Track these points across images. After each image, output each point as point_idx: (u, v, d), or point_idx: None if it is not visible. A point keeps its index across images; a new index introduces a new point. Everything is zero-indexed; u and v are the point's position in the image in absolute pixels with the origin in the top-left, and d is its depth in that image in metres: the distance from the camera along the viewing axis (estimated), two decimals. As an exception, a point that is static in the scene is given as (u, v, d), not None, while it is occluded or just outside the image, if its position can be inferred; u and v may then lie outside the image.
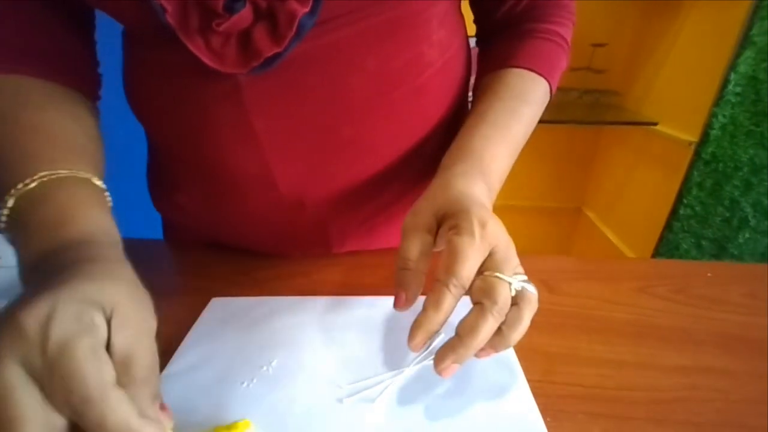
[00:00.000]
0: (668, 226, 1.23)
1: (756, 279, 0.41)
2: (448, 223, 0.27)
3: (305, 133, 0.34)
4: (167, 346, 0.32)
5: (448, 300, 0.24)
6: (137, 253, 0.45)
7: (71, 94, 0.33)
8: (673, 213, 1.20)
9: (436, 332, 0.24)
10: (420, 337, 0.24)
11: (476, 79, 0.42)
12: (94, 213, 0.26)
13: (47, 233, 0.24)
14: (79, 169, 0.27)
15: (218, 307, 0.36)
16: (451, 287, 0.23)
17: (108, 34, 0.39)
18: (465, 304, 0.25)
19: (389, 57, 0.33)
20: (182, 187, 0.42)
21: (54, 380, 0.17)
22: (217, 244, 0.46)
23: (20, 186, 0.25)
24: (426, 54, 0.35)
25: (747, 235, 1.17)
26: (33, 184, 0.25)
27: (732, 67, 0.99)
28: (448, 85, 0.40)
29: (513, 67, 0.38)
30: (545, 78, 0.39)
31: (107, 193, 0.29)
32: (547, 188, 1.66)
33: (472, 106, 0.39)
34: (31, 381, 0.17)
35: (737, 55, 0.97)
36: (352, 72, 0.32)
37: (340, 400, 0.27)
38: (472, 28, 0.45)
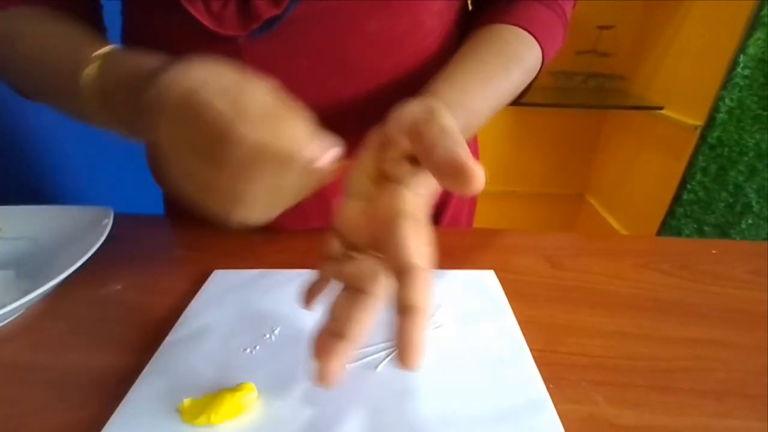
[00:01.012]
0: (671, 212, 1.22)
1: (761, 256, 0.41)
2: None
3: (306, 97, 0.33)
4: (169, 316, 0.32)
5: None
6: (139, 228, 0.45)
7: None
8: (676, 198, 1.20)
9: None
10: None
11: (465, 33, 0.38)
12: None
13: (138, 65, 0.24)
14: None
15: (220, 278, 0.36)
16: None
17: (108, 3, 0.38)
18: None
19: (390, 21, 0.32)
20: None
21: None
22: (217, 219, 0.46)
23: (94, 55, 0.25)
24: (426, 22, 0.34)
25: (750, 221, 1.16)
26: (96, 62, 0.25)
27: (741, 49, 0.97)
28: (448, 51, 0.39)
29: (508, 24, 0.35)
30: (540, 44, 0.36)
31: None
32: (549, 174, 1.65)
33: (456, 53, 0.34)
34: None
35: (747, 37, 0.96)
36: (352, 34, 0.32)
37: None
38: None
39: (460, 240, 0.44)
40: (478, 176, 0.17)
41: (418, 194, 0.21)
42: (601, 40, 1.35)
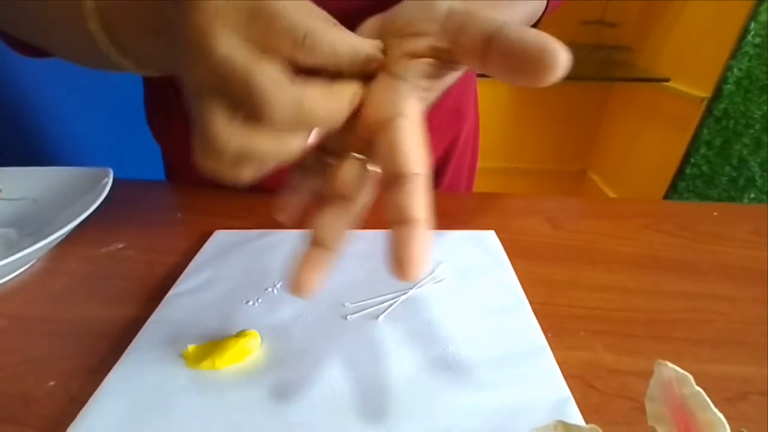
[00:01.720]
0: (673, 187, 1.21)
1: (762, 218, 0.41)
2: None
3: None
4: (172, 273, 0.32)
5: None
6: (140, 191, 0.45)
7: None
8: (679, 173, 1.19)
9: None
10: None
11: None
12: None
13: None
14: None
15: (222, 238, 0.36)
16: None
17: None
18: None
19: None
20: (180, 112, 0.40)
21: (273, 33, 0.15)
22: (219, 182, 0.46)
23: None
24: None
25: (752, 196, 1.16)
26: None
27: (752, 15, 0.94)
28: None
29: None
30: None
31: None
32: (551, 150, 1.63)
33: None
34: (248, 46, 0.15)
35: (759, 3, 0.93)
36: (356, 19, 0.30)
37: (344, 317, 0.27)
38: None
39: (460, 203, 0.44)
40: (561, 55, 0.15)
41: (420, 88, 0.19)
42: (608, 10, 1.31)
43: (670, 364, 0.14)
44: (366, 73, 0.18)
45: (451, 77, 0.21)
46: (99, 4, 0.21)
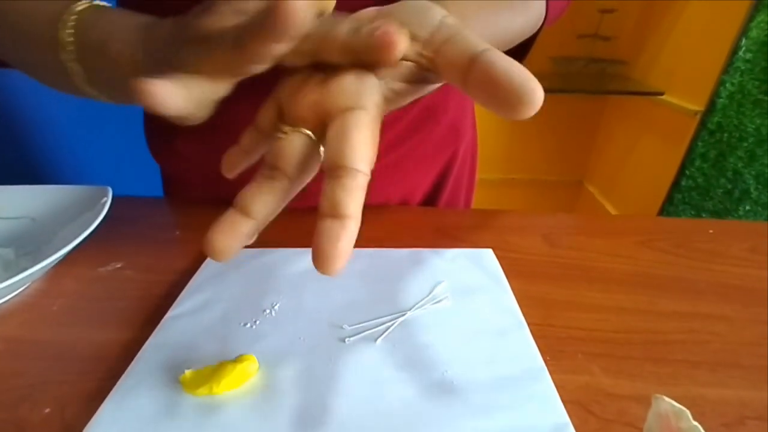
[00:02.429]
0: (669, 199, 1.22)
1: (758, 235, 0.41)
2: None
3: None
4: (170, 294, 0.32)
5: None
6: (138, 209, 0.45)
7: None
8: (675, 185, 1.20)
9: None
10: None
11: None
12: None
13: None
14: None
15: (220, 257, 0.36)
16: None
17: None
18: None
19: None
20: (179, 132, 0.41)
21: None
22: (218, 199, 0.46)
23: (75, 6, 0.23)
24: None
25: (748, 207, 1.17)
26: (85, 5, 0.23)
27: (744, 32, 0.96)
28: None
29: None
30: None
31: None
32: (548, 161, 1.65)
33: None
34: None
35: (749, 20, 0.95)
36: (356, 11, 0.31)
37: (342, 340, 0.27)
38: None
39: (458, 220, 0.44)
40: (539, 94, 0.15)
41: (391, 90, 0.19)
42: (602, 24, 1.33)
43: (667, 399, 0.14)
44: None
45: (428, 89, 0.21)
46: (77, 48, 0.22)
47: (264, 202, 0.18)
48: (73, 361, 0.27)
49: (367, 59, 0.18)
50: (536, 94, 0.15)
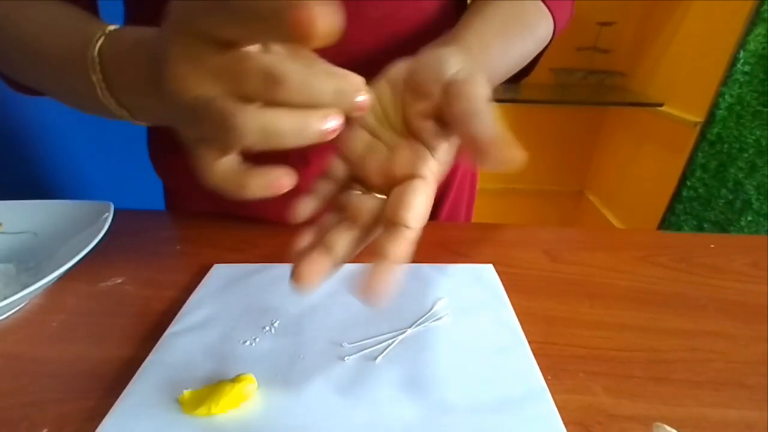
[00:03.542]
0: (670, 209, 1.22)
1: (759, 249, 0.41)
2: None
3: None
4: (170, 310, 0.32)
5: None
6: (139, 223, 0.45)
7: None
8: (676, 195, 1.20)
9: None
10: None
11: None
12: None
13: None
14: None
15: (221, 272, 0.36)
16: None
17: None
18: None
19: (392, 8, 0.33)
20: (182, 146, 0.41)
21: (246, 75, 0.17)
22: (219, 213, 0.46)
23: (94, 42, 0.24)
24: (425, 7, 0.35)
25: (749, 218, 1.16)
26: (101, 40, 0.24)
27: (741, 44, 0.97)
28: None
29: None
30: (553, 16, 0.36)
31: None
32: (549, 171, 1.65)
33: (477, 8, 0.33)
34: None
35: (747, 33, 0.95)
36: (358, 22, 0.32)
37: (342, 358, 0.27)
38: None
39: (459, 234, 0.44)
40: (517, 158, 0.18)
41: (440, 162, 0.21)
42: (601, 36, 1.35)
43: (668, 428, 0.14)
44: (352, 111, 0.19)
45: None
46: (101, 58, 0.24)
47: (345, 244, 0.21)
48: (73, 378, 0.27)
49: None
50: (515, 157, 0.18)
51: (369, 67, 0.35)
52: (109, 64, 0.24)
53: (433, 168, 0.21)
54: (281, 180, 0.18)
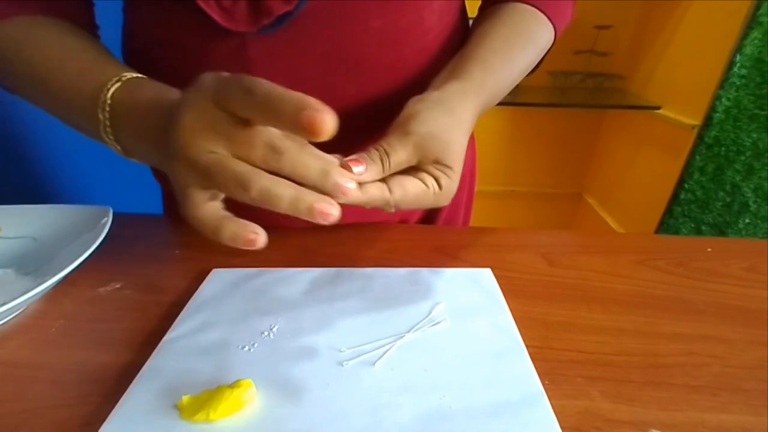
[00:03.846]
0: (668, 211, 1.23)
1: (756, 254, 0.41)
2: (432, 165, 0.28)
3: (309, 91, 0.34)
4: (168, 315, 0.32)
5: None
6: (138, 227, 0.45)
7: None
8: (674, 198, 1.20)
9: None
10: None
11: (478, 12, 0.40)
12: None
13: (152, 100, 0.27)
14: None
15: (219, 277, 0.36)
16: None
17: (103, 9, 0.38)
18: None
19: (392, 18, 0.33)
20: None
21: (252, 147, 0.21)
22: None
23: (109, 86, 0.27)
24: (426, 19, 0.35)
25: (747, 221, 1.17)
26: (117, 84, 0.27)
27: (738, 48, 0.97)
28: (448, 50, 0.40)
29: (524, 2, 0.36)
30: (553, 24, 0.37)
31: None
32: (547, 174, 1.65)
33: (471, 32, 0.37)
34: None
35: (744, 36, 0.96)
36: (357, 31, 0.32)
37: (341, 363, 0.27)
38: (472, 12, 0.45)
39: (457, 238, 0.44)
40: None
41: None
42: (599, 39, 1.35)
43: (663, 434, 0.14)
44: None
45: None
46: (113, 101, 0.27)
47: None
48: (71, 384, 0.27)
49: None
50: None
51: (370, 74, 0.35)
52: (119, 109, 0.28)
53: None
54: (253, 237, 0.22)
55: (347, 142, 0.39)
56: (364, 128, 0.38)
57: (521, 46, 0.34)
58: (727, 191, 1.14)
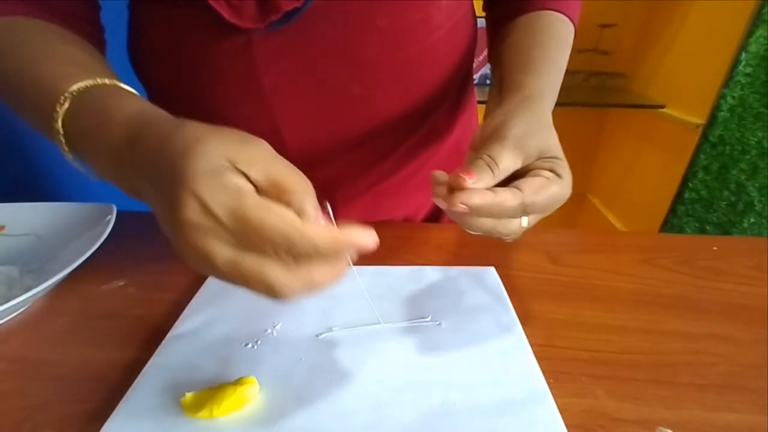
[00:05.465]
0: (672, 210, 1.22)
1: (762, 252, 0.41)
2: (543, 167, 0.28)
3: (314, 90, 0.34)
4: (172, 312, 0.32)
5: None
6: (142, 225, 0.46)
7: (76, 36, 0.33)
8: (678, 197, 1.20)
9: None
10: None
11: (493, 24, 0.41)
12: (131, 99, 0.26)
13: (98, 133, 0.25)
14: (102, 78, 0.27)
15: (222, 274, 0.36)
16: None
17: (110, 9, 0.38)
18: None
19: (400, 16, 0.33)
20: None
21: (252, 242, 0.18)
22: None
23: (61, 102, 0.26)
24: (434, 16, 0.35)
25: (752, 220, 1.16)
26: (66, 104, 0.26)
27: (743, 46, 0.97)
28: (455, 49, 0.39)
29: (551, 10, 0.37)
30: (573, 23, 0.38)
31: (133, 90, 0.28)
32: (550, 173, 1.65)
33: (519, 40, 0.37)
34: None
35: (749, 34, 0.95)
36: (364, 29, 0.32)
37: (344, 361, 0.27)
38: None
39: (461, 236, 0.44)
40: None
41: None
42: (602, 38, 1.35)
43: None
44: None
45: None
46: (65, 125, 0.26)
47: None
48: (75, 381, 0.27)
49: None
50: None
51: (376, 73, 0.35)
52: (71, 130, 0.26)
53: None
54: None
55: (351, 143, 0.39)
56: (369, 128, 0.38)
57: (561, 51, 0.36)
58: (732, 190, 1.13)
